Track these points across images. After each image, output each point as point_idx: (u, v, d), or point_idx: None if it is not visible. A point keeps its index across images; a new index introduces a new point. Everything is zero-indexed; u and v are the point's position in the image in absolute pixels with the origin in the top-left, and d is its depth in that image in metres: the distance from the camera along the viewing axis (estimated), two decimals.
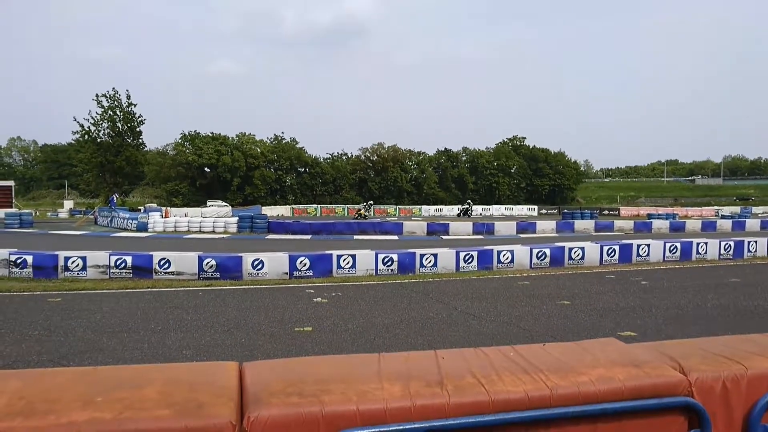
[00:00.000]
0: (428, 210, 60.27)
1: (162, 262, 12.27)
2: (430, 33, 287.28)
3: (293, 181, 73.97)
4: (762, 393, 2.76)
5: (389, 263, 13.18)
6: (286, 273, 12.57)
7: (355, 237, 25.54)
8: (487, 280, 12.24)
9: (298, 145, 76.64)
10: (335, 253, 13.13)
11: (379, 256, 13.23)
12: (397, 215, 55.07)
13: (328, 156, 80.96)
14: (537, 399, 2.37)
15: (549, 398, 2.39)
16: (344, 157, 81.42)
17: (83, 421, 1.78)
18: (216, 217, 33.76)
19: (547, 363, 2.70)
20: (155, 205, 47.14)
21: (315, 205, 59.92)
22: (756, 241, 17.51)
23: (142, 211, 36.93)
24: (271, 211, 49.76)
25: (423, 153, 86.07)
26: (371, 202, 52.52)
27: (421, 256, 13.44)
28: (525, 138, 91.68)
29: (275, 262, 12.62)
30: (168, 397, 2.04)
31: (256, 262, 12.44)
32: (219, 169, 65.22)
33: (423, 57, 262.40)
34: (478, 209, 61.74)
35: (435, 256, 13.52)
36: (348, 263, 13.03)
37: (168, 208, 41.03)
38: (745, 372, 2.78)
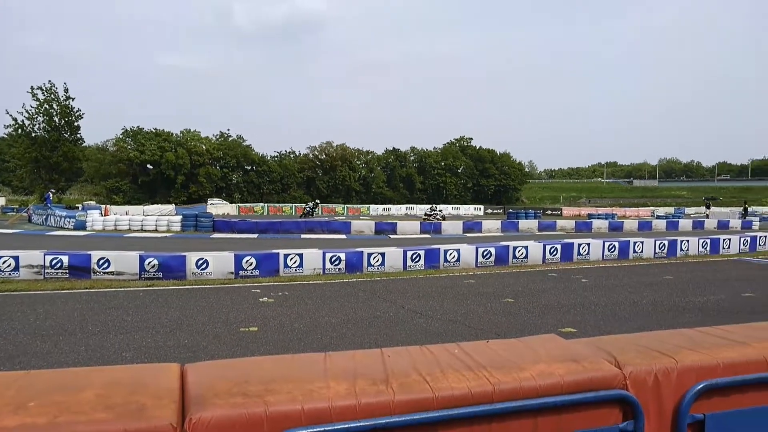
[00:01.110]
0: (376, 209, 60.42)
1: (101, 262, 11.85)
2: (381, 32, 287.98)
3: (240, 180, 72.75)
4: (691, 384, 2.89)
5: (337, 262, 13.15)
6: (232, 272, 12.36)
7: (303, 236, 25.37)
8: (434, 279, 12.37)
9: (244, 143, 75.46)
10: (282, 252, 13.00)
11: (327, 255, 13.18)
12: (345, 214, 54.96)
13: (276, 154, 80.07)
14: (480, 395, 2.42)
15: (491, 394, 2.44)
16: (292, 156, 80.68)
17: (15, 426, 1.71)
18: (159, 215, 32.88)
19: (491, 359, 2.76)
20: (94, 202, 45.41)
21: (262, 204, 59.08)
22: (688, 240, 18.33)
23: (80, 209, 35.54)
24: (216, 210, 48.84)
25: (371, 152, 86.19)
26: (318, 201, 52.20)
27: (369, 255, 13.47)
28: (472, 139, 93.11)
29: (220, 262, 12.40)
30: (107, 400, 1.99)
31: (201, 262, 12.19)
32: (162, 166, 63.49)
33: (374, 56, 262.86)
34: (425, 208, 62.22)
35: (382, 255, 13.57)
36: (295, 262, 12.92)
37: (108, 206, 39.63)
38: (675, 365, 2.92)
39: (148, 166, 61.02)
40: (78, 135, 52.57)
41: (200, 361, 2.70)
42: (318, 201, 51.49)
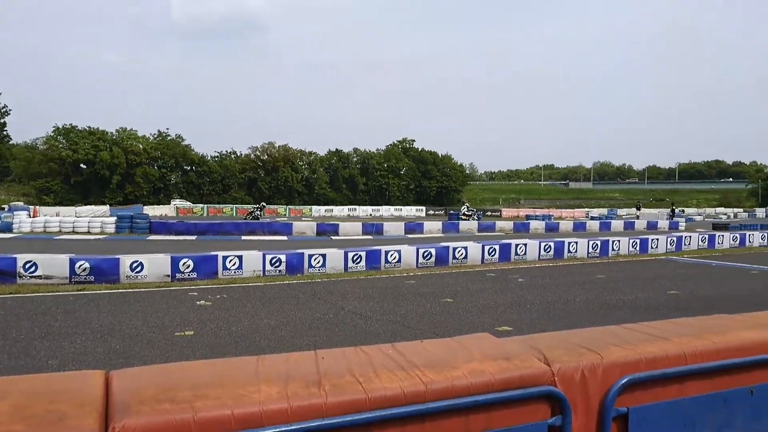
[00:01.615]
0: (319, 210, 60.09)
1: (27, 266, 11.29)
2: (324, 33, 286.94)
3: (178, 180, 70.88)
4: (615, 379, 3.01)
5: (277, 264, 13.01)
6: (168, 275, 12.03)
7: (243, 237, 24.95)
8: (374, 280, 12.41)
9: (184, 142, 73.59)
10: (221, 254, 12.75)
11: (267, 256, 13.01)
12: (287, 215, 54.38)
13: (216, 154, 78.50)
14: (412, 395, 2.44)
15: (424, 393, 2.47)
16: (233, 156, 79.29)
17: None
18: (92, 216, 31.64)
19: (424, 359, 2.79)
20: (22, 203, 43.25)
21: (201, 205, 57.75)
22: (619, 241, 19.08)
23: (6, 209, 33.80)
24: (154, 211, 47.41)
25: (314, 153, 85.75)
26: (263, 203, 51.43)
27: (310, 256, 13.39)
28: (414, 140, 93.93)
29: (156, 264, 12.04)
30: (24, 411, 1.90)
31: (135, 265, 11.80)
32: (96, 165, 61.15)
33: (318, 57, 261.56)
34: (367, 209, 62.42)
35: (323, 256, 13.52)
36: (234, 264, 12.70)
37: (37, 206, 37.83)
38: (601, 361, 3.03)
39: (81, 165, 58.65)
40: (4, 132, 49.92)
41: (130, 367, 2.62)
42: (264, 204, 50.70)
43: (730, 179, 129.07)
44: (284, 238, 25.58)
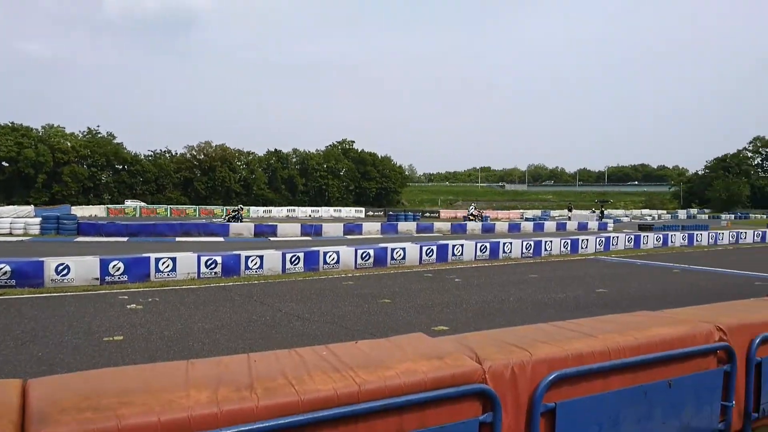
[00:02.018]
0: (257, 211, 59.15)
1: None
2: (264, 31, 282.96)
3: (110, 179, 68.25)
4: (544, 375, 3.11)
5: (213, 266, 12.73)
6: (97, 278, 11.56)
7: (178, 239, 24.30)
8: (312, 281, 12.34)
9: (115, 140, 71.02)
10: (153, 255, 12.36)
11: (202, 258, 12.71)
12: (224, 216, 53.26)
13: (150, 153, 76.14)
14: (346, 396, 2.45)
15: (357, 394, 2.48)
16: (168, 155, 77.12)
17: None
18: (14, 217, 30.05)
19: (358, 360, 2.80)
20: None
21: (134, 205, 55.84)
22: (551, 241, 19.70)
23: None
24: (83, 211, 45.48)
25: (252, 153, 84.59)
26: (242, 206, 50.07)
27: (247, 257, 13.17)
28: (354, 142, 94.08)
29: (84, 267, 11.55)
30: None
31: (61, 267, 11.28)
32: (20, 164, 58.11)
33: (255, 55, 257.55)
34: (307, 210, 61.98)
35: (261, 257, 13.33)
36: (168, 266, 12.33)
37: None
38: (530, 358, 3.12)
39: (3, 163, 55.56)
40: None
41: (51, 375, 2.51)
42: (242, 206, 49.46)
43: (655, 182, 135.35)
44: (221, 239, 25.08)
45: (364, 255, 14.90)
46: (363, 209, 66.88)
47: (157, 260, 12.26)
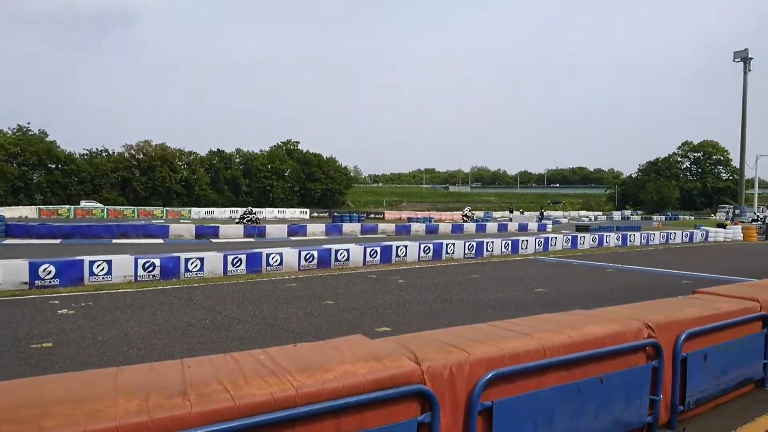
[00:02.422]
0: (199, 212, 57.86)
1: None
2: (205, 29, 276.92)
3: (42, 179, 65.22)
4: (482, 375, 3.16)
5: (151, 268, 12.35)
6: (26, 282, 11.02)
7: (115, 241, 23.49)
8: (255, 283, 12.15)
9: (48, 139, 67.95)
10: (87, 258, 11.88)
11: (140, 261, 12.31)
12: (164, 217, 51.83)
13: (86, 152, 73.31)
14: (282, 400, 2.42)
15: (294, 398, 2.45)
16: (105, 154, 74.44)
17: None
18: None
19: (296, 363, 2.78)
20: None
21: (68, 206, 53.58)
22: (493, 242, 20.08)
23: None
24: (12, 212, 43.31)
25: (194, 153, 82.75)
26: (250, 207, 48.56)
27: (187, 260, 12.85)
28: (299, 142, 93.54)
29: (11, 271, 10.99)
30: None
31: None
32: None
33: (195, 53, 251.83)
34: (245, 211, 60.97)
35: (201, 260, 13.03)
36: (103, 270, 11.89)
37: None
38: (468, 358, 3.17)
39: None
40: None
41: None
42: (251, 208, 48.19)
43: (592, 185, 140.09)
44: (160, 241, 24.39)
45: (307, 256, 14.78)
46: (308, 210, 66.43)
47: (92, 263, 11.80)
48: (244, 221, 35.91)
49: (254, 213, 40.64)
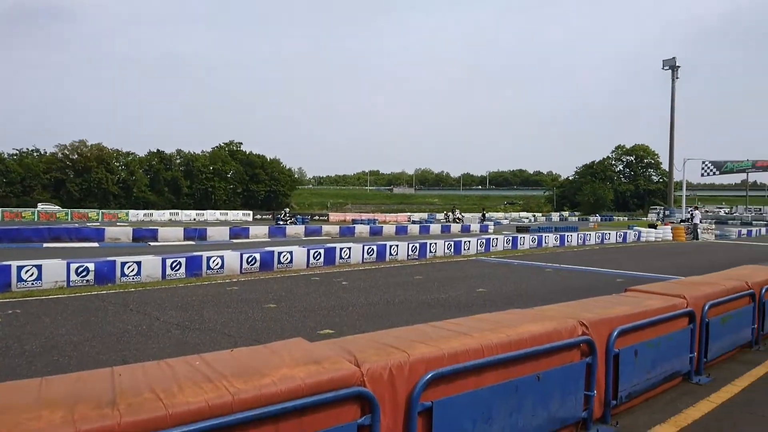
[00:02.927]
0: (137, 215, 56.12)
1: None
2: (143, 25, 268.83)
3: None
4: (421, 375, 3.18)
5: (84, 273, 11.87)
6: None
7: (46, 245, 22.46)
8: (195, 287, 11.86)
9: None
10: (15, 263, 11.31)
11: (72, 265, 11.80)
12: (100, 220, 49.99)
13: (15, 152, 69.94)
14: (218, 407, 2.37)
15: (231, 404, 2.40)
16: (36, 154, 71.19)
17: None
18: None
19: (233, 368, 2.72)
20: None
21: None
22: (436, 243, 20.31)
23: None
24: None
25: (132, 153, 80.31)
26: (286, 209, 47.14)
27: (123, 264, 12.41)
28: (242, 143, 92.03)
29: None
30: None
31: None
32: None
33: (134, 50, 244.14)
34: (192, 214, 59.66)
35: (138, 263, 12.61)
36: (32, 275, 11.35)
37: None
38: (407, 358, 3.18)
39: None
40: None
41: None
42: (287, 209, 47.31)
43: (532, 187, 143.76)
44: (95, 245, 23.48)
45: (250, 259, 14.55)
46: (251, 212, 65.46)
47: (20, 268, 11.25)
48: (285, 221, 38.12)
49: (287, 212, 41.93)
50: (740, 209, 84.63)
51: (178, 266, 13.20)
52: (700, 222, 36.38)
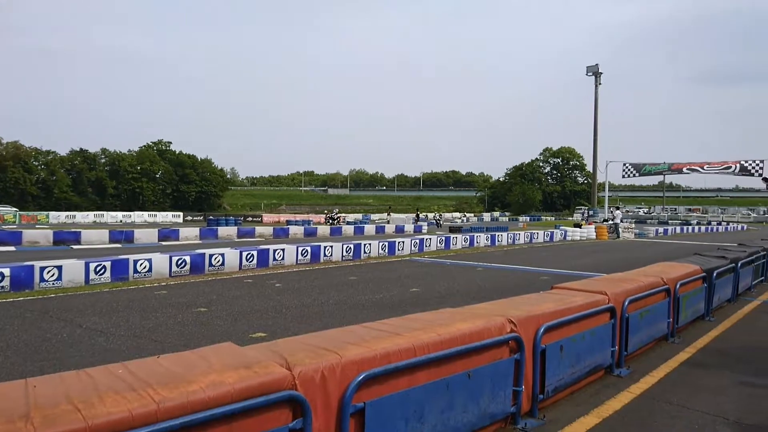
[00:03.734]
0: (58, 216, 53.38)
1: None
2: (75, 18, 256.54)
3: None
4: (354, 376, 3.18)
5: None
6: None
7: None
8: (120, 292, 11.41)
9: None
10: None
11: None
12: (17, 222, 47.24)
13: None
14: (142, 416, 2.29)
15: (155, 413, 2.33)
16: None
17: None
18: None
19: (158, 376, 2.64)
20: None
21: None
22: (370, 244, 20.37)
23: None
24: None
25: (53, 152, 76.47)
26: (336, 209, 44.60)
27: (42, 268, 11.78)
28: (171, 143, 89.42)
29: None
30: None
31: None
32: None
33: (59, 42, 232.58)
34: (118, 215, 57.41)
35: (59, 268, 12.00)
36: None
37: None
38: (340, 360, 3.17)
39: None
40: None
41: None
42: (337, 209, 45.42)
43: (464, 188, 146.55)
44: (12, 248, 22.18)
45: (179, 262, 14.13)
46: (181, 214, 63.56)
47: None
48: (333, 221, 39.07)
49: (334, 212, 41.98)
50: (658, 209, 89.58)
51: (102, 270, 12.66)
52: (621, 221, 38.19)
